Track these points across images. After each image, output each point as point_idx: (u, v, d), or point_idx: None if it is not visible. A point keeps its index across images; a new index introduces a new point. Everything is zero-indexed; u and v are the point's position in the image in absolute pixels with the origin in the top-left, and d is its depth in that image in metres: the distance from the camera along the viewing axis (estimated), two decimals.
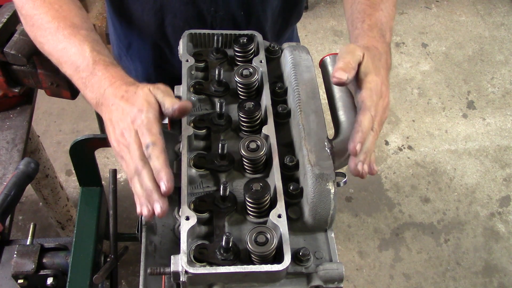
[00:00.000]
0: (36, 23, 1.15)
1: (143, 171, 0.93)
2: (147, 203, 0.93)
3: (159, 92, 1.00)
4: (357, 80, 1.04)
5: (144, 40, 1.54)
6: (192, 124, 1.08)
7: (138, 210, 0.95)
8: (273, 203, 0.97)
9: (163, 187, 0.91)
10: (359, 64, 1.03)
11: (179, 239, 0.91)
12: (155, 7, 1.39)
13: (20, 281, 1.26)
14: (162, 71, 1.62)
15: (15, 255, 1.27)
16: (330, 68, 1.22)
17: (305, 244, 0.99)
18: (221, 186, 0.96)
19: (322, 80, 1.23)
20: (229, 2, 1.39)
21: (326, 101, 1.16)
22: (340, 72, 0.99)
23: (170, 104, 0.98)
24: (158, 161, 0.92)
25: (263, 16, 1.47)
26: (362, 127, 0.97)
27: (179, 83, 1.14)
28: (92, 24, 1.19)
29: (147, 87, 1.01)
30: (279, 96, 1.17)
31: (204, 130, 1.08)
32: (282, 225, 0.92)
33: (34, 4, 1.15)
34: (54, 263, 1.29)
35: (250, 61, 1.20)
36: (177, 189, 1.00)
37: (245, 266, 0.89)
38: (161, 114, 0.99)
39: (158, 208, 0.91)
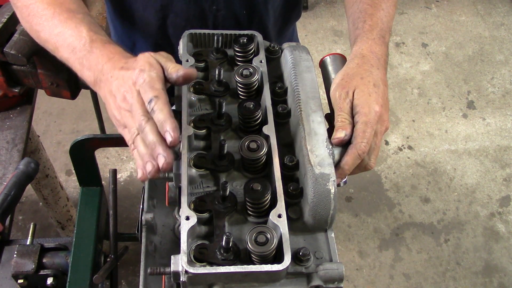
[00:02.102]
0: (32, 12, 1.14)
1: (146, 126, 0.89)
2: (151, 159, 0.89)
3: (161, 57, 0.99)
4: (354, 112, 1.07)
5: (146, 40, 1.54)
6: (192, 124, 1.07)
7: (140, 174, 0.91)
8: (273, 203, 0.97)
9: (169, 138, 0.88)
10: (353, 96, 1.07)
11: (179, 239, 0.91)
12: (156, 7, 1.39)
13: (20, 281, 1.26)
14: None
15: (15, 255, 1.27)
16: (330, 68, 1.22)
17: (305, 244, 1.00)
18: (221, 186, 0.96)
19: (322, 80, 1.23)
20: (232, 1, 1.39)
21: (326, 101, 1.16)
22: (339, 132, 1.04)
23: (174, 69, 0.96)
24: (162, 113, 0.89)
25: (266, 15, 1.47)
26: (345, 166, 1.04)
27: None
28: (88, 10, 1.18)
29: (148, 52, 0.99)
30: (279, 96, 1.17)
31: (204, 130, 1.08)
32: (282, 225, 0.92)
33: None
34: (54, 263, 1.29)
35: (250, 61, 1.20)
36: (177, 189, 1.00)
37: (245, 266, 0.89)
38: (164, 77, 0.96)
39: (162, 159, 0.87)
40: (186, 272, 0.87)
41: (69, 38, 1.07)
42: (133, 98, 0.92)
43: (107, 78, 0.99)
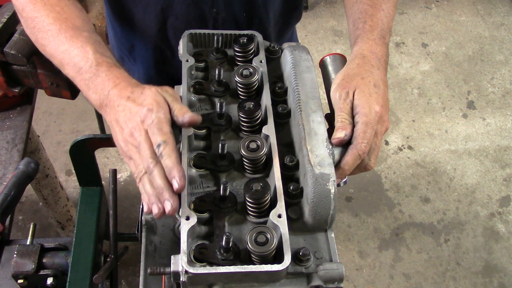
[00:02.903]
0: (37, 26, 1.14)
1: (154, 170, 0.92)
2: (157, 201, 0.92)
3: (168, 94, 1.01)
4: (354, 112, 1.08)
5: (146, 43, 1.54)
6: None
7: (146, 209, 0.94)
8: (273, 203, 0.97)
9: (176, 185, 0.91)
10: (353, 97, 1.07)
11: (179, 239, 0.91)
12: (156, 9, 1.39)
13: (20, 281, 1.26)
14: (164, 73, 1.62)
15: (15, 255, 1.26)
16: (330, 68, 1.22)
17: (305, 244, 1.00)
18: (221, 186, 0.96)
19: (322, 80, 1.23)
20: (232, 4, 1.39)
21: (326, 101, 1.16)
22: (339, 132, 1.04)
23: (180, 112, 0.98)
24: (170, 159, 0.92)
25: (266, 17, 1.47)
26: (345, 166, 1.04)
27: (180, 83, 1.14)
28: (93, 26, 1.19)
29: (154, 87, 1.01)
30: (279, 96, 1.17)
31: (204, 130, 1.08)
32: (282, 225, 0.92)
33: (35, 7, 1.14)
34: (54, 263, 1.29)
35: (250, 61, 1.20)
36: None
37: (245, 266, 0.89)
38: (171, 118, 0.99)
39: (169, 206, 0.90)
40: (186, 272, 0.88)
41: (75, 58, 1.07)
42: (141, 137, 0.95)
43: (113, 105, 1.00)
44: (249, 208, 0.98)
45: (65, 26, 1.11)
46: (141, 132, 0.95)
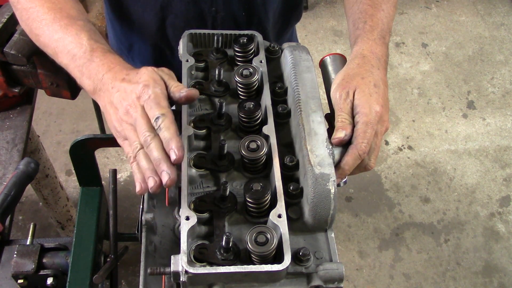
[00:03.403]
0: (32, 16, 1.13)
1: (152, 142, 0.90)
2: (153, 174, 0.90)
3: (164, 73, 1.00)
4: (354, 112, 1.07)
5: (145, 42, 1.54)
6: (192, 124, 1.07)
7: (138, 188, 0.92)
8: (273, 203, 0.97)
9: (173, 156, 0.89)
10: (354, 97, 1.07)
11: (179, 239, 0.91)
12: (155, 8, 1.39)
13: (20, 281, 1.26)
14: None
15: (15, 255, 1.26)
16: (330, 68, 1.22)
17: (305, 244, 1.00)
18: (221, 186, 0.96)
19: (322, 80, 1.23)
20: (231, 3, 1.39)
21: (326, 101, 1.16)
22: (339, 132, 1.04)
23: (177, 88, 0.97)
24: (168, 131, 0.90)
25: (265, 17, 1.47)
26: (345, 166, 1.04)
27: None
28: (88, 16, 1.18)
29: (150, 67, 1.00)
30: (279, 96, 1.17)
31: (204, 130, 1.08)
32: (282, 225, 0.92)
33: None
34: (54, 263, 1.29)
35: (250, 61, 1.20)
36: (177, 189, 1.00)
37: (245, 266, 0.89)
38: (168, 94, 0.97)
39: (166, 177, 0.89)
40: (186, 272, 0.88)
41: (69, 45, 1.07)
42: (137, 113, 0.93)
43: (107, 88, 0.99)
44: (249, 208, 0.98)
45: (59, 15, 1.11)
46: (137, 108, 0.94)
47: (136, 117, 0.93)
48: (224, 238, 0.89)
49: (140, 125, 0.92)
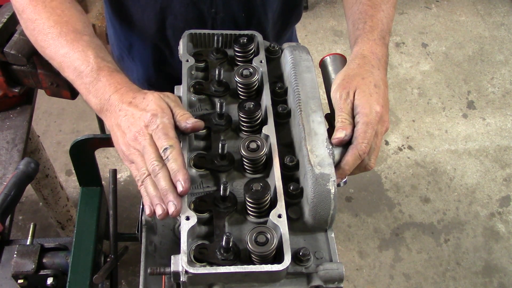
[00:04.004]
0: (37, 28, 1.14)
1: (160, 172, 0.93)
2: (161, 202, 0.93)
3: (170, 100, 1.02)
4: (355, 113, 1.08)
5: (144, 42, 1.54)
6: None
7: (148, 211, 0.95)
8: (273, 203, 0.97)
9: (180, 188, 0.92)
10: (354, 97, 1.07)
11: (179, 239, 0.91)
12: (155, 9, 1.39)
13: (20, 281, 1.26)
14: (162, 72, 1.62)
15: (15, 255, 1.26)
16: (330, 68, 1.22)
17: (305, 244, 1.00)
18: (221, 186, 0.96)
19: (322, 80, 1.23)
20: (230, 4, 1.39)
21: (326, 101, 1.16)
22: (339, 132, 1.04)
23: (183, 118, 0.99)
24: (176, 163, 0.93)
25: (264, 17, 1.47)
26: (345, 166, 1.04)
27: (179, 83, 1.14)
28: (93, 30, 1.19)
29: (156, 93, 1.02)
30: (279, 96, 1.17)
31: (204, 130, 1.08)
32: (282, 225, 0.92)
33: (35, 9, 1.14)
34: (54, 263, 1.29)
35: (250, 61, 1.20)
36: None
37: (245, 266, 0.89)
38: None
39: (172, 207, 0.91)
40: (186, 272, 0.88)
41: (75, 61, 1.07)
42: (145, 141, 0.95)
43: (114, 110, 1.01)
44: (249, 208, 0.98)
45: (65, 29, 1.11)
46: (145, 136, 0.96)
47: (145, 145, 0.95)
48: (224, 238, 0.89)
49: (148, 154, 0.95)
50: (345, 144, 1.05)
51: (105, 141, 1.45)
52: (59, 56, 1.11)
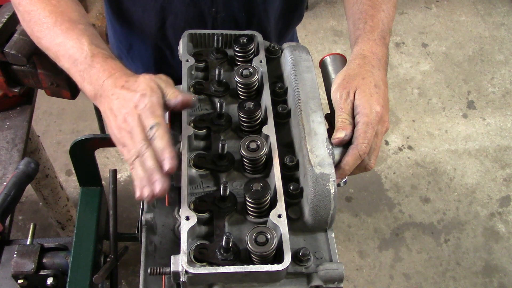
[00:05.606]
0: (33, 19, 1.14)
1: (146, 152, 0.92)
2: (148, 183, 0.92)
3: (161, 81, 1.01)
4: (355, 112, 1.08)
5: (145, 42, 1.54)
6: (192, 124, 1.07)
7: (138, 193, 0.94)
8: (273, 203, 0.97)
9: (166, 165, 0.91)
10: (354, 97, 1.07)
11: (179, 239, 0.91)
12: (155, 8, 1.39)
13: (20, 281, 1.26)
14: (162, 72, 1.61)
15: (15, 255, 1.26)
16: (330, 68, 1.22)
17: (305, 244, 1.00)
18: (221, 186, 0.96)
19: (322, 80, 1.23)
20: (231, 4, 1.39)
21: (326, 101, 1.16)
22: (339, 132, 1.04)
23: (173, 95, 0.99)
24: (161, 141, 0.92)
25: (265, 17, 1.46)
26: (345, 166, 1.04)
27: (179, 83, 1.14)
28: (89, 20, 1.19)
29: (149, 75, 1.01)
30: (279, 96, 1.17)
31: (204, 130, 1.08)
32: (282, 225, 0.92)
33: (31, 1, 1.15)
34: (54, 263, 1.29)
35: (250, 61, 1.20)
36: (177, 189, 1.00)
37: (245, 266, 0.89)
38: (164, 102, 0.99)
39: (158, 186, 0.90)
40: (186, 272, 0.88)
41: (70, 49, 1.07)
42: (134, 121, 0.95)
43: (107, 95, 1.00)
44: (249, 208, 0.98)
45: (61, 19, 1.11)
46: (134, 117, 0.95)
47: (133, 126, 0.95)
48: (224, 238, 0.89)
49: (135, 134, 0.94)
50: (345, 144, 1.05)
51: (105, 141, 1.45)
52: (54, 46, 1.11)
